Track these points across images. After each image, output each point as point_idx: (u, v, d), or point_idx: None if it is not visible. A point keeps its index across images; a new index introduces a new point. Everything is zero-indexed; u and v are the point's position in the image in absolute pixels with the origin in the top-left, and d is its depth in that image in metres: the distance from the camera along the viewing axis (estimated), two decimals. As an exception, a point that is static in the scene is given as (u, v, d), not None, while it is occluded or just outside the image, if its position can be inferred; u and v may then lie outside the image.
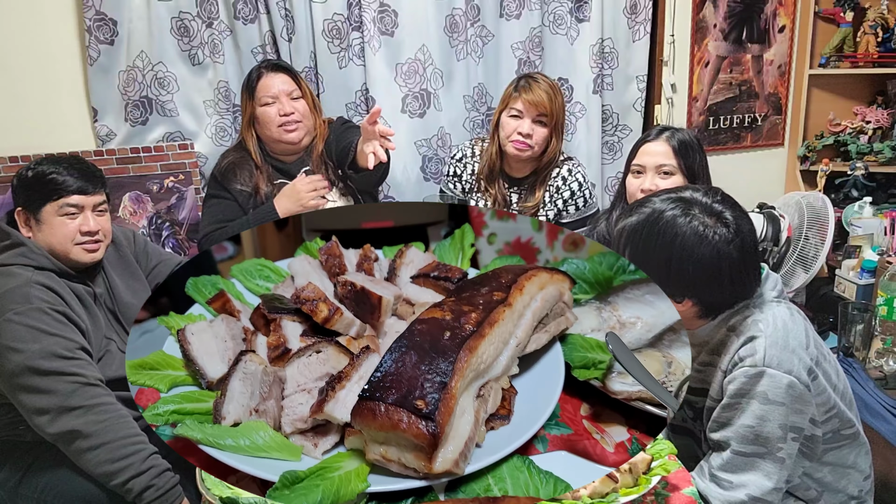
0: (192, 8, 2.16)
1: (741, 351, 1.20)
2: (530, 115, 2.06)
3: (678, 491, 1.08)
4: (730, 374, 1.20)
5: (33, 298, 1.47)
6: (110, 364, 1.59)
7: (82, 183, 1.58)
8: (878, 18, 2.82)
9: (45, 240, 1.57)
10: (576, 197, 2.15)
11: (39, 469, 1.57)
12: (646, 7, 2.57)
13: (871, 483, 1.37)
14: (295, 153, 2.11)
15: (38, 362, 1.41)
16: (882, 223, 2.53)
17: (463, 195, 2.25)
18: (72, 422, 1.40)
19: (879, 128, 2.93)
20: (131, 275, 1.76)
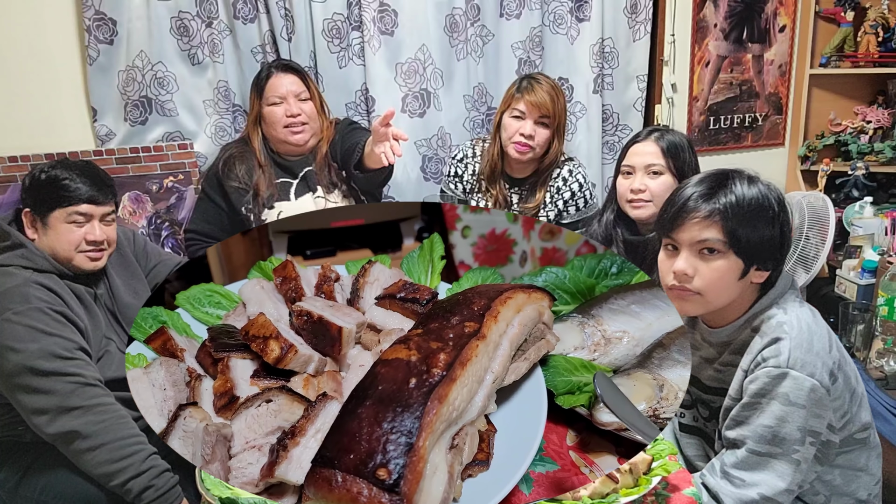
0: (191, 7, 2.16)
1: (765, 352, 1.19)
2: (532, 116, 2.05)
3: (679, 491, 1.08)
4: (752, 373, 1.20)
5: (32, 298, 1.47)
6: (109, 364, 1.58)
7: (94, 192, 1.57)
8: (879, 18, 2.81)
9: (49, 244, 1.57)
10: (576, 198, 2.15)
11: (39, 469, 1.56)
12: (646, 7, 2.57)
13: (879, 487, 1.36)
14: (299, 153, 2.11)
15: (37, 362, 1.41)
16: (883, 223, 2.53)
17: (463, 195, 2.25)
18: (71, 422, 1.40)
19: (880, 128, 2.93)
20: (131, 275, 1.76)
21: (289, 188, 2.10)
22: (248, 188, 2.07)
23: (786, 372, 1.15)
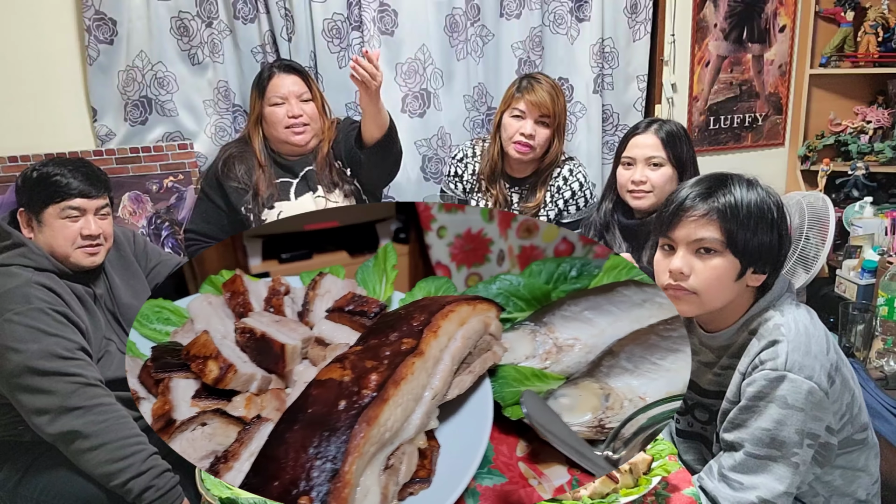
0: (191, 7, 2.16)
1: (762, 354, 1.19)
2: (533, 115, 2.05)
3: (678, 492, 1.08)
4: (749, 376, 1.19)
5: (33, 299, 1.47)
6: (110, 364, 1.58)
7: (86, 186, 1.57)
8: (879, 18, 2.81)
9: (45, 241, 1.57)
10: (576, 197, 2.15)
11: (39, 469, 1.56)
12: (646, 7, 2.57)
13: (878, 486, 1.36)
14: (300, 153, 2.11)
15: (38, 362, 1.41)
16: (883, 223, 2.53)
17: (464, 195, 2.25)
18: (71, 422, 1.40)
19: (880, 128, 2.92)
20: (132, 275, 1.76)
21: (289, 188, 2.10)
22: (247, 188, 2.07)
23: (783, 375, 1.15)
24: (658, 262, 1.27)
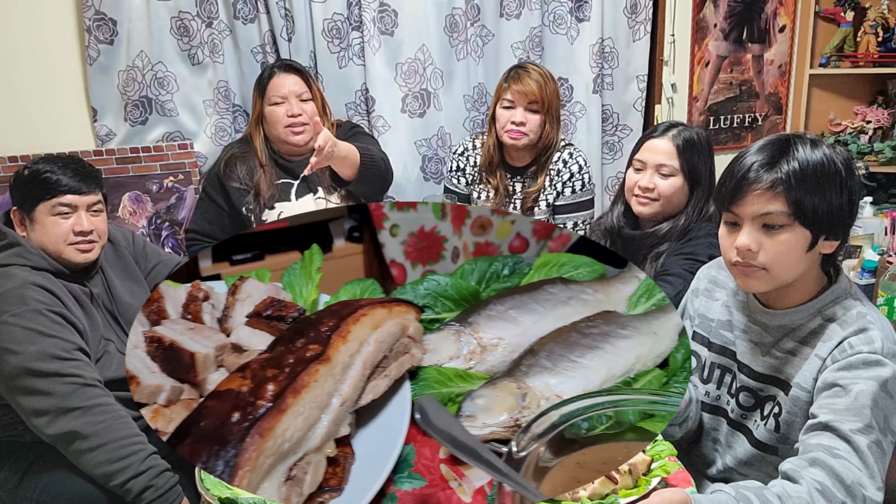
0: (191, 8, 2.16)
1: (852, 339, 1.13)
2: (521, 103, 2.08)
3: (678, 492, 1.08)
4: (838, 361, 1.13)
5: (30, 300, 1.47)
6: (109, 365, 1.58)
7: (76, 183, 1.56)
8: (879, 18, 2.82)
9: (38, 239, 1.56)
10: (574, 179, 2.16)
11: (39, 469, 1.56)
12: (646, 7, 2.57)
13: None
14: (300, 154, 2.12)
15: (36, 364, 1.41)
16: (882, 223, 2.53)
17: (466, 188, 2.28)
18: (70, 423, 1.40)
19: (880, 127, 2.93)
20: (129, 276, 1.76)
21: (290, 189, 2.11)
22: (249, 188, 2.07)
23: (880, 359, 1.11)
24: (723, 237, 1.21)
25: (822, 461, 1.05)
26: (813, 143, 1.15)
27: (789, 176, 1.11)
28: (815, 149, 1.13)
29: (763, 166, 1.14)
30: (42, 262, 1.54)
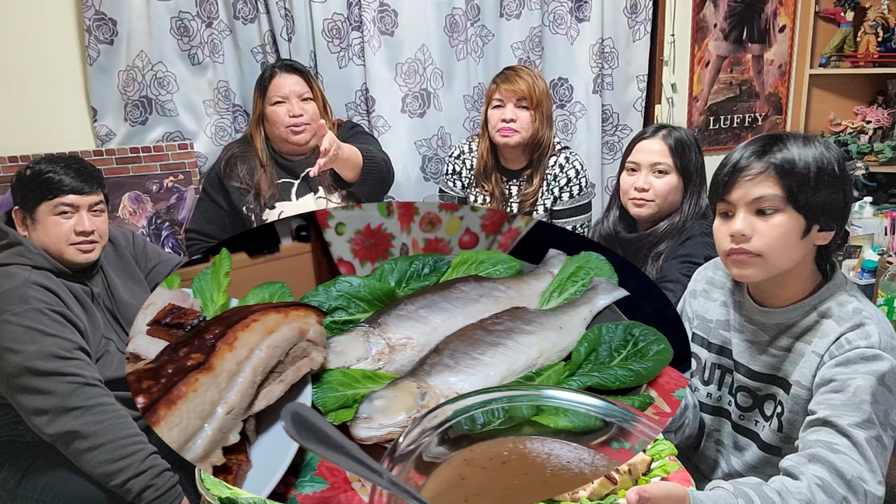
0: (191, 8, 2.16)
1: (849, 335, 1.14)
2: (510, 100, 2.08)
3: (678, 492, 1.08)
4: (835, 357, 1.13)
5: (30, 299, 1.47)
6: (109, 364, 1.58)
7: (78, 183, 1.57)
8: (879, 18, 2.82)
9: (39, 239, 1.57)
10: (571, 184, 2.16)
11: (39, 469, 1.56)
12: (646, 7, 2.57)
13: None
14: (301, 154, 2.12)
15: (37, 363, 1.41)
16: (882, 223, 2.53)
17: (462, 191, 2.27)
18: (71, 422, 1.40)
19: (880, 128, 2.93)
20: (130, 275, 1.76)
21: (290, 188, 2.11)
22: (249, 188, 2.08)
23: (878, 354, 1.11)
24: (717, 228, 1.22)
25: (822, 457, 1.05)
26: (805, 139, 1.16)
27: (782, 162, 1.13)
28: (807, 145, 1.15)
29: (754, 154, 1.16)
30: (43, 262, 1.55)
